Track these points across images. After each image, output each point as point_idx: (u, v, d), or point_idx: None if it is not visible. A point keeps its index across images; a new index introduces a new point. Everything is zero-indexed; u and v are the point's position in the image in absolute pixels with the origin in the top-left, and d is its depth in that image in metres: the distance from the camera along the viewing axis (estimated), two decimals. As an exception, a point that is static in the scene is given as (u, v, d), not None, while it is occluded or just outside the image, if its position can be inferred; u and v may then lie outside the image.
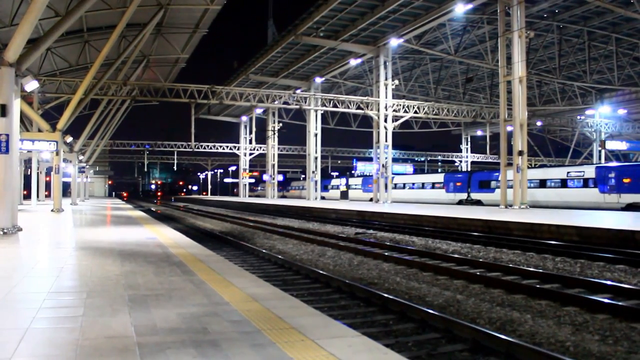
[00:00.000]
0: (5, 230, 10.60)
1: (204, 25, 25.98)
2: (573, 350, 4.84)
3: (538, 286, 7.22)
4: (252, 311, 4.15)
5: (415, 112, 37.49)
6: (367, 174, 53.85)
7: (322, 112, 41.83)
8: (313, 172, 42.95)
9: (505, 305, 6.49)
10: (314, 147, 42.53)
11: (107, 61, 23.95)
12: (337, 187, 57.15)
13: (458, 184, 37.62)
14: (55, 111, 32.24)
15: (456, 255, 10.47)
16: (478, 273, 8.44)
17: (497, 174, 34.60)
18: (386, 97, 34.77)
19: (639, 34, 31.24)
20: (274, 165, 51.35)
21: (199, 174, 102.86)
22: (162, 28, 26.09)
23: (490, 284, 7.73)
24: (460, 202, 36.23)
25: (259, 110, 49.60)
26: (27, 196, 36.29)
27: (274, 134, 50.28)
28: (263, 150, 55.58)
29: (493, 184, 33.96)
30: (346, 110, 37.48)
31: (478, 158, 66.84)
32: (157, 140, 64.89)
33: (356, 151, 73.46)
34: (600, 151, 43.99)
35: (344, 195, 53.69)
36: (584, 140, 50.60)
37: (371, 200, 45.11)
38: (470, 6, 25.04)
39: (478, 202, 34.64)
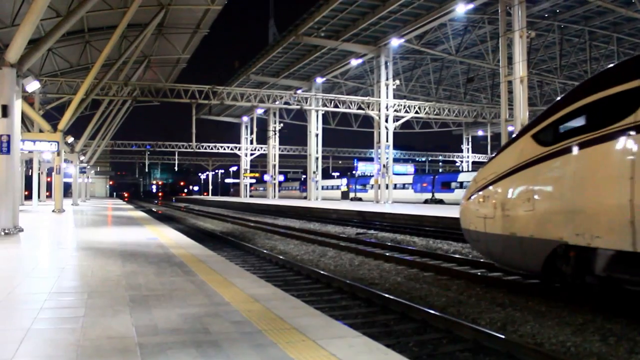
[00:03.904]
0: (6, 231, 10.61)
1: (205, 26, 26.00)
2: (574, 350, 4.84)
3: (539, 286, 7.23)
4: (253, 312, 4.15)
5: (417, 112, 37.55)
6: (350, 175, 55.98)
7: (323, 112, 41.86)
8: (314, 172, 42.97)
9: (506, 306, 6.48)
10: (314, 147, 42.55)
11: (108, 61, 23.99)
12: (323, 188, 58.17)
13: (424, 184, 41.47)
14: (56, 112, 32.32)
15: (457, 256, 10.47)
16: (479, 273, 8.44)
17: (456, 176, 39.72)
18: (387, 97, 34.79)
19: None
20: (274, 165, 51.39)
21: (200, 174, 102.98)
22: (163, 28, 26.12)
23: (492, 284, 7.73)
24: (426, 202, 39.45)
25: (260, 111, 49.66)
26: (28, 197, 36.34)
27: (275, 134, 50.33)
28: (264, 150, 55.62)
29: (453, 184, 37.93)
30: (347, 110, 37.58)
31: (479, 158, 66.78)
32: (158, 140, 65.04)
33: (357, 151, 73.50)
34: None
35: (345, 196, 54.14)
36: (586, 140, 50.46)
37: (349, 199, 48.50)
38: (471, 6, 25.03)
39: (440, 202, 37.87)
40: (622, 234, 5.10)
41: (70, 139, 26.97)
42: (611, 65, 6.91)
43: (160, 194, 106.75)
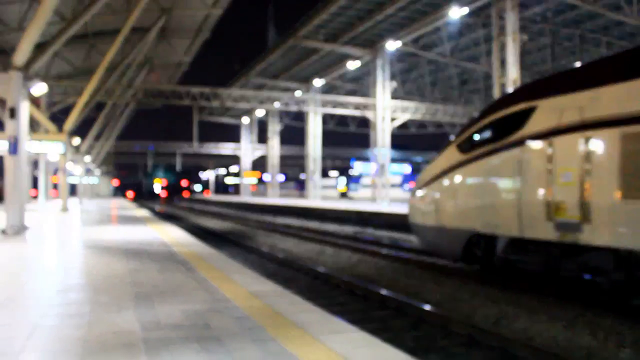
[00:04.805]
0: (13, 229, 10.61)
1: (205, 29, 26.01)
2: (565, 344, 4.86)
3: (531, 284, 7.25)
4: (254, 308, 4.17)
5: (413, 113, 37.56)
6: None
7: (322, 113, 41.87)
8: (313, 172, 42.97)
9: (499, 302, 6.50)
10: (313, 148, 42.54)
11: (112, 65, 23.96)
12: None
13: (412, 183, 41.66)
14: (61, 114, 32.23)
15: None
16: (473, 271, 8.44)
17: None
18: (384, 99, 34.82)
19: (629, 37, 31.29)
20: (274, 165, 51.41)
21: (201, 174, 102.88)
22: (165, 32, 26.11)
23: (486, 281, 7.75)
24: None
25: (260, 112, 49.65)
26: (34, 196, 36.29)
27: (275, 135, 50.35)
28: (264, 151, 55.64)
29: None
30: (345, 111, 37.58)
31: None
32: (160, 141, 65.04)
33: (355, 152, 73.50)
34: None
35: (343, 195, 54.47)
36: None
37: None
38: (466, 10, 25.15)
39: None
40: (513, 224, 6.35)
41: (76, 140, 26.93)
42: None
43: (162, 194, 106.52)
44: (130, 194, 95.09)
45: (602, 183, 5.35)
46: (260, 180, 63.30)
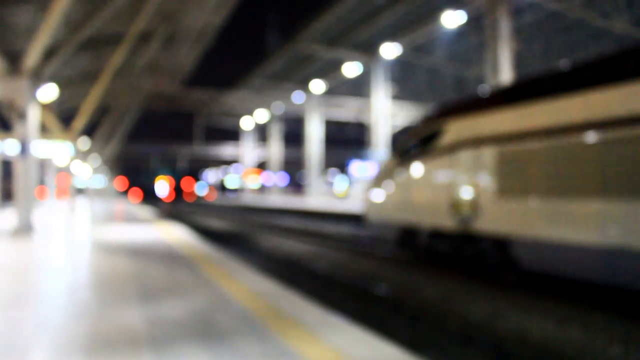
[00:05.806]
0: (21, 229, 10.60)
1: (208, 35, 26.05)
2: (557, 340, 4.87)
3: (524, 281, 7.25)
4: (255, 305, 4.17)
5: (409, 116, 37.61)
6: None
7: (321, 115, 41.94)
8: (312, 172, 43.03)
9: (494, 300, 6.50)
10: (313, 149, 42.58)
11: (117, 69, 23.96)
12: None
13: None
14: (69, 116, 32.23)
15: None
16: (468, 269, 8.44)
17: None
18: (381, 102, 34.93)
19: (617, 42, 31.39)
20: (275, 167, 51.45)
21: (203, 175, 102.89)
22: (168, 37, 26.11)
23: (480, 279, 7.74)
24: None
25: (260, 114, 49.73)
26: (42, 197, 36.23)
27: (275, 137, 50.38)
28: (265, 152, 55.70)
29: None
30: (343, 113, 37.61)
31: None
32: (163, 143, 65.24)
33: (353, 153, 73.57)
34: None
35: (341, 195, 54.51)
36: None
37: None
38: (462, 16, 25.48)
39: None
40: (430, 219, 7.81)
41: (83, 143, 26.92)
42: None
43: (166, 195, 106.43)
44: (135, 195, 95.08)
45: (486, 186, 6.74)
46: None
